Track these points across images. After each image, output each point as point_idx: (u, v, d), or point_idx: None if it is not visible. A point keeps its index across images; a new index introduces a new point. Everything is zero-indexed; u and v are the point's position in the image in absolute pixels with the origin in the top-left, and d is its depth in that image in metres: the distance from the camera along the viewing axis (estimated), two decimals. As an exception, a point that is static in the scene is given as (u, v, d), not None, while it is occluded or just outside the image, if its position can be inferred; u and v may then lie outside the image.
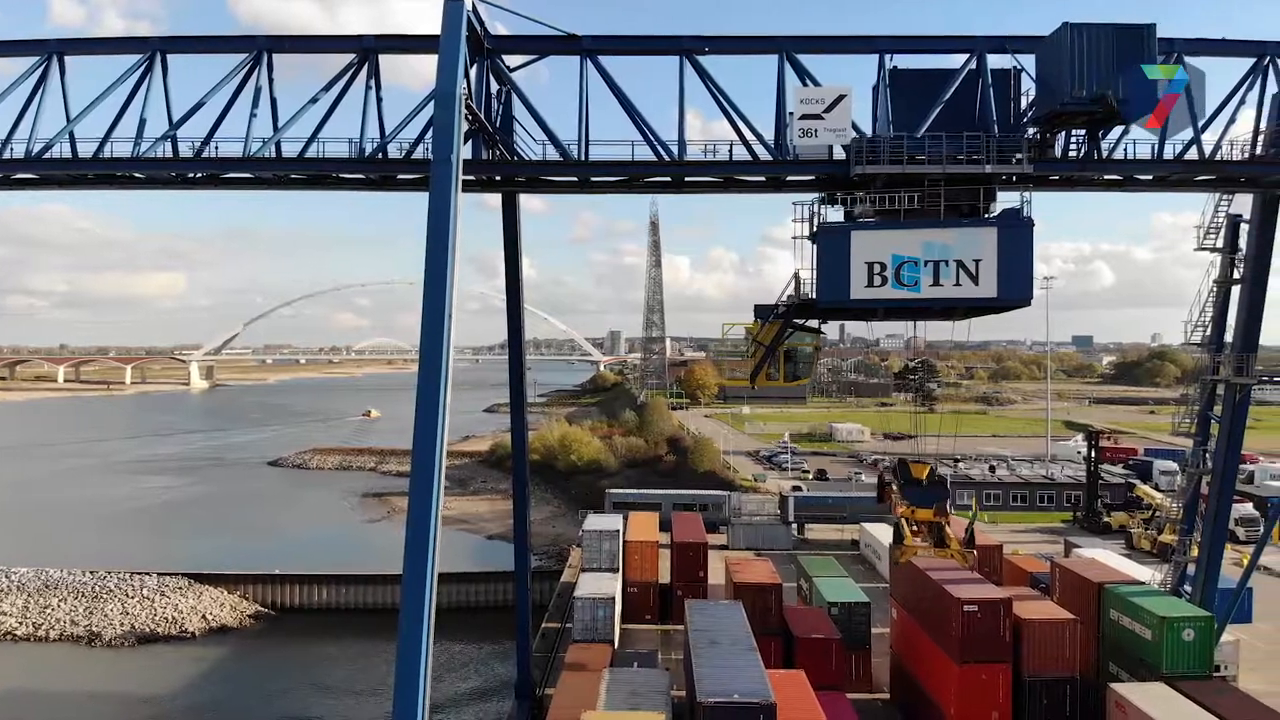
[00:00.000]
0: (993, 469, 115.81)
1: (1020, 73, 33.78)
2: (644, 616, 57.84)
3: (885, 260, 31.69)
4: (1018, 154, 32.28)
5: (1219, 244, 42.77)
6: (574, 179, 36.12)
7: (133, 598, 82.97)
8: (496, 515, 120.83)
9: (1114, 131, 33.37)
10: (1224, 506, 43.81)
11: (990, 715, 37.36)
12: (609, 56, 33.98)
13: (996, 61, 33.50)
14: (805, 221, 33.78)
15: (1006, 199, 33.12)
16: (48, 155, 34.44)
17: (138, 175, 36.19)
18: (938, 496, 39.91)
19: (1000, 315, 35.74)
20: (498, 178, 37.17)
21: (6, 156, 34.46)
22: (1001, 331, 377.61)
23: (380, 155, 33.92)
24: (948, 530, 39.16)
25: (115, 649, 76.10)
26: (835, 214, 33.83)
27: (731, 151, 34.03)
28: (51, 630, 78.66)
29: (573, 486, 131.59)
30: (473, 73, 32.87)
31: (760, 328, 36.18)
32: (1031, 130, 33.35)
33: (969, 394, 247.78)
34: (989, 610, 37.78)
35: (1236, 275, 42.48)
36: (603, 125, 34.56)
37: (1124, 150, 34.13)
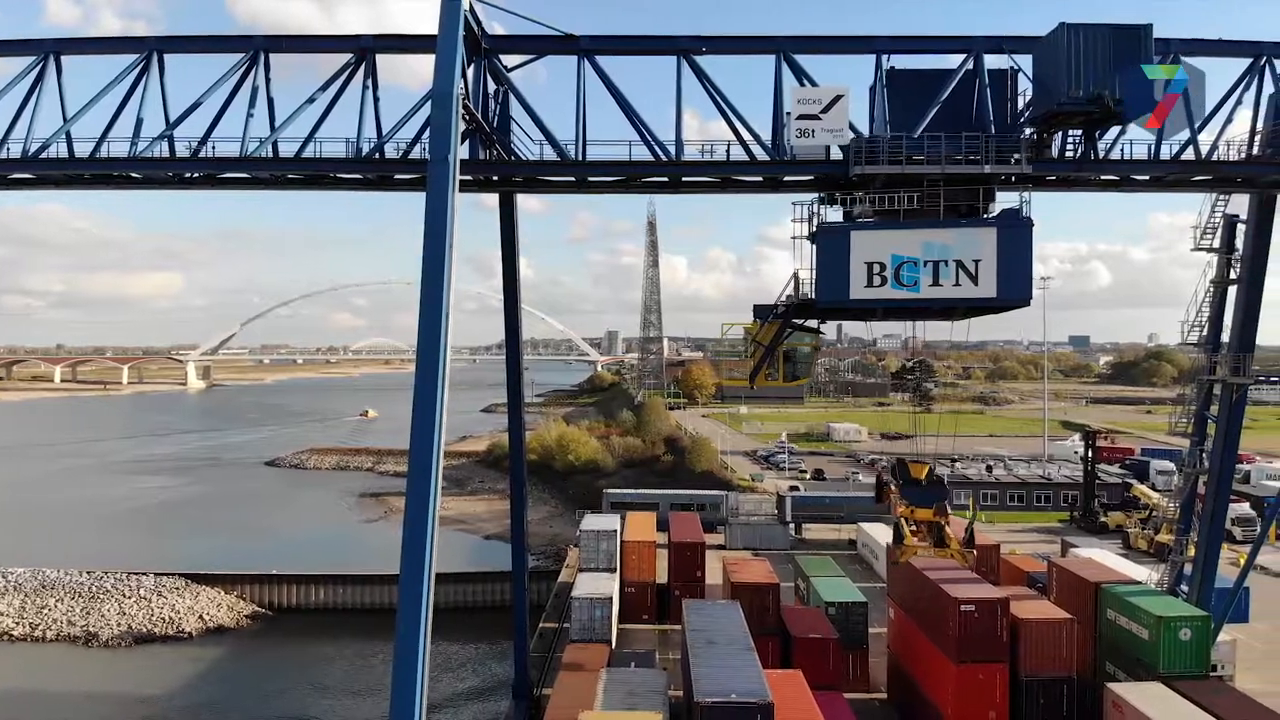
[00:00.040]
0: (990, 469, 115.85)
1: (1017, 73, 33.83)
2: (641, 616, 57.87)
3: (885, 260, 31.68)
4: (1016, 154, 32.32)
5: (1216, 244, 42.83)
6: (571, 179, 36.13)
7: (129, 598, 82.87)
8: (494, 515, 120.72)
9: (1111, 132, 33.42)
10: (1221, 506, 43.87)
11: (987, 715, 37.39)
12: (606, 56, 33.99)
13: (993, 62, 33.55)
14: (804, 222, 33.78)
15: (1005, 199, 33.20)
16: (44, 155, 34.41)
17: (134, 175, 36.17)
18: (937, 496, 39.89)
19: (998, 315, 35.77)
20: (495, 178, 37.16)
21: (3, 156, 34.42)
22: (998, 331, 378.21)
23: (377, 155, 33.92)
24: (947, 530, 39.18)
25: (112, 649, 76.00)
26: (834, 214, 33.82)
27: (729, 152, 34.05)
28: (48, 630, 78.54)
29: (570, 486, 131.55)
30: (470, 73, 32.85)
31: (759, 328, 36.17)
32: (1028, 130, 33.36)
33: (966, 394, 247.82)
34: (986, 610, 37.83)
35: (1233, 275, 42.55)
36: (600, 125, 34.63)
37: (1121, 150, 34.19)
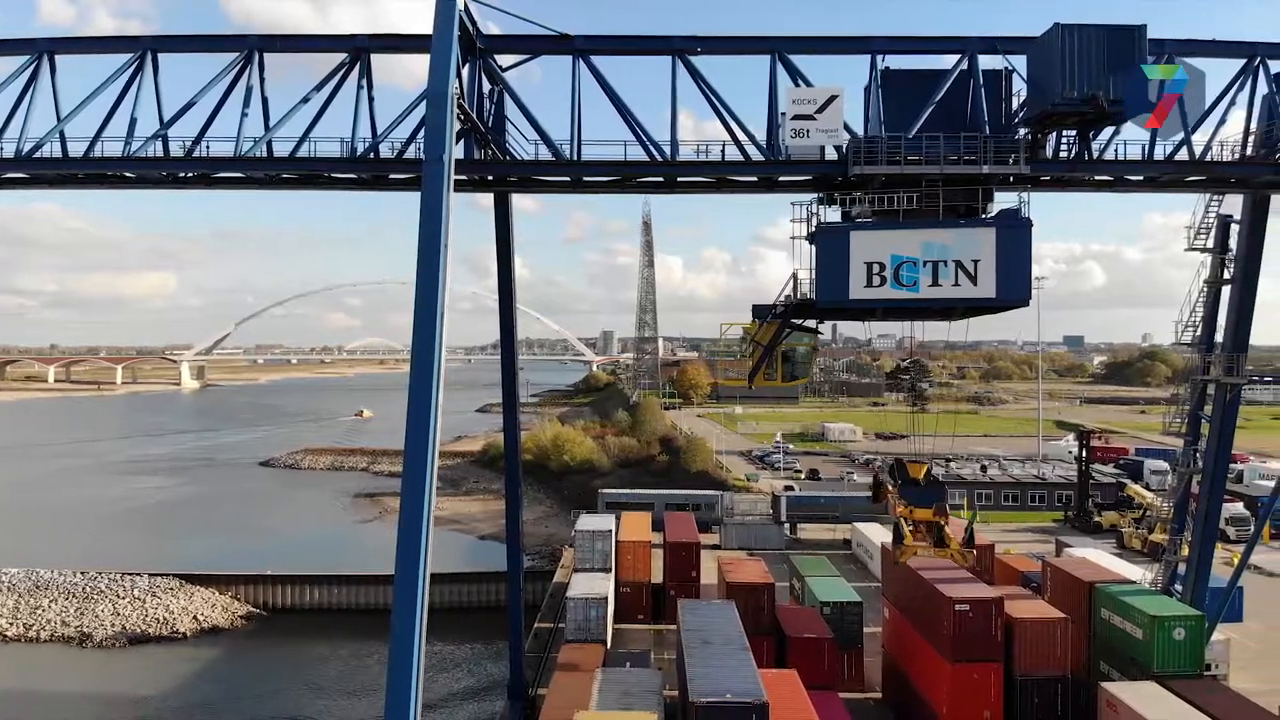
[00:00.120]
0: (984, 468, 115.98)
1: (1011, 73, 33.80)
2: (636, 616, 57.88)
3: (884, 260, 31.63)
4: (1014, 154, 32.32)
5: (1209, 244, 42.92)
6: (566, 179, 36.04)
7: (124, 598, 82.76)
8: (489, 515, 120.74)
9: (1105, 132, 33.47)
10: (1214, 506, 43.92)
11: (982, 714, 37.48)
12: (601, 56, 33.89)
13: (988, 62, 33.48)
14: (803, 222, 33.75)
15: (1002, 199, 33.22)
16: (38, 154, 34.23)
17: (128, 175, 36.01)
18: (936, 496, 39.82)
19: (994, 315, 35.80)
20: (490, 177, 37.08)
21: (-3, 156, 34.28)
22: (993, 331, 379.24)
23: (372, 155, 33.81)
24: (947, 530, 39.18)
25: (106, 650, 75.91)
26: (833, 214, 33.81)
27: (724, 152, 33.95)
28: (42, 631, 78.42)
29: (565, 486, 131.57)
30: (465, 72, 32.77)
31: (758, 328, 36.08)
32: (1023, 131, 33.39)
33: (960, 394, 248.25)
34: (980, 609, 37.92)
35: (1227, 275, 42.63)
36: (595, 125, 34.51)
37: (1115, 151, 34.21)
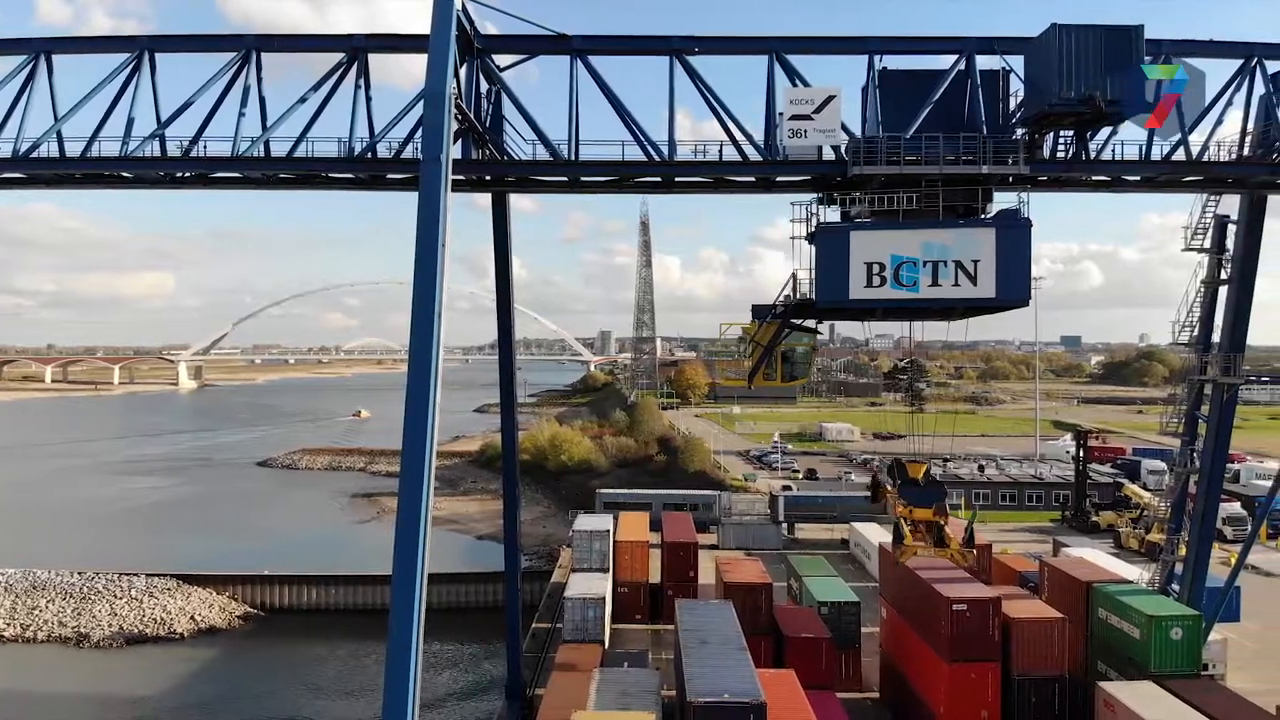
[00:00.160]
0: (982, 468, 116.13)
1: (1009, 74, 33.83)
2: (634, 616, 57.90)
3: (884, 260, 31.63)
4: (1013, 155, 32.32)
5: (1206, 245, 42.93)
6: (564, 179, 36.04)
7: (121, 599, 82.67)
8: (486, 515, 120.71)
9: (1102, 132, 33.50)
10: (1211, 505, 43.97)
11: (979, 714, 37.50)
12: (599, 56, 33.88)
13: (985, 62, 33.48)
14: (803, 222, 33.74)
15: (1001, 199, 33.25)
16: (35, 154, 34.20)
17: (125, 175, 35.96)
18: (936, 496, 39.87)
19: (991, 315, 35.82)
20: (487, 177, 37.06)
21: (-7, 156, 34.22)
22: (990, 331, 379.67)
23: (369, 155, 33.77)
24: (947, 530, 39.19)
25: (103, 650, 75.81)
26: (832, 214, 33.82)
27: (721, 152, 33.94)
28: (39, 631, 78.31)
29: (563, 486, 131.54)
30: (462, 72, 32.76)
31: (758, 328, 36.09)
32: (1020, 131, 33.41)
33: (958, 394, 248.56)
34: (978, 609, 37.93)
35: (1224, 276, 42.63)
36: (593, 125, 34.46)
37: (1112, 151, 34.24)
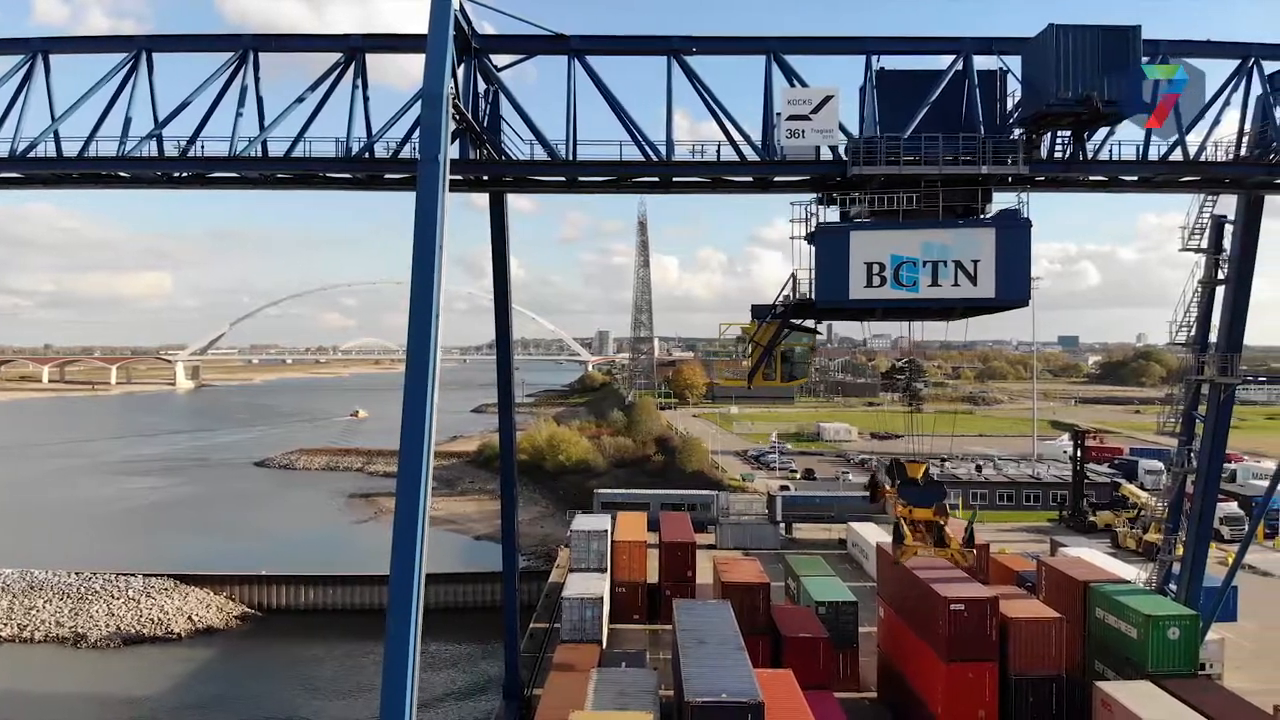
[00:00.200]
0: (979, 468, 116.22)
1: (1006, 74, 33.85)
2: (632, 616, 57.91)
3: (884, 260, 31.64)
4: (1013, 155, 32.34)
5: (1204, 245, 43.01)
6: (562, 179, 36.02)
7: (118, 599, 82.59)
8: (484, 515, 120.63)
9: (1099, 133, 33.53)
10: (1209, 505, 44.01)
11: (977, 713, 37.52)
12: (596, 56, 33.87)
13: (983, 63, 33.51)
14: (802, 222, 33.75)
15: (1000, 199, 33.28)
16: (32, 154, 34.16)
17: (123, 174, 35.94)
18: (936, 496, 39.83)
19: (990, 315, 35.83)
20: (485, 178, 37.04)
21: (-9, 155, 34.18)
22: (988, 331, 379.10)
23: (367, 155, 33.77)
24: (947, 530, 39.19)
25: (100, 650, 75.75)
26: (831, 214, 33.84)
27: (719, 152, 33.95)
28: (36, 632, 78.24)
29: (561, 486, 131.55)
30: (460, 72, 32.76)
31: (757, 328, 36.10)
32: (1017, 131, 33.44)
33: (955, 394, 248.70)
34: (975, 609, 37.95)
35: (1221, 276, 42.72)
36: (590, 125, 34.54)
37: (1109, 151, 34.28)
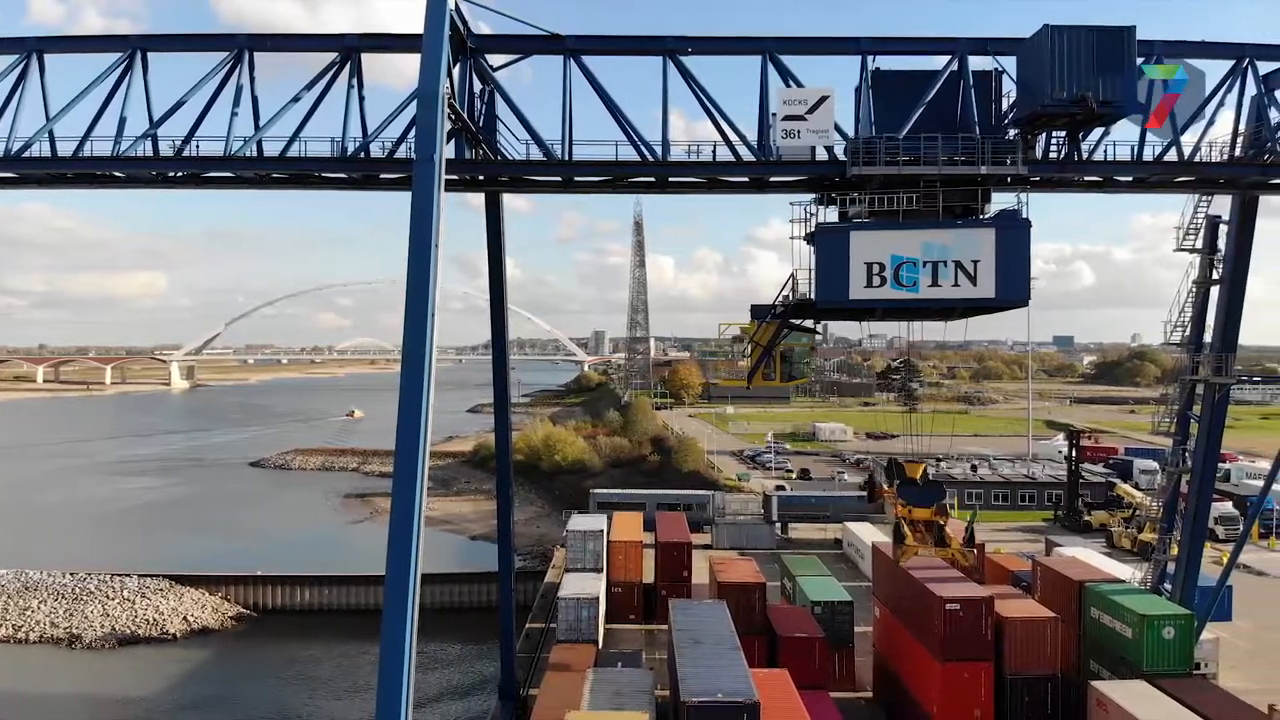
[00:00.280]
0: (975, 468, 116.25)
1: (1001, 74, 33.92)
2: (628, 616, 57.90)
3: (884, 261, 31.67)
4: (1011, 155, 32.38)
5: (1198, 245, 43.10)
6: (557, 179, 36.02)
7: (113, 599, 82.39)
8: (480, 516, 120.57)
9: (1094, 133, 33.58)
10: (1203, 505, 44.14)
11: (972, 713, 37.54)
12: (592, 56, 33.89)
13: (978, 63, 33.60)
14: (802, 222, 33.77)
15: (999, 200, 33.34)
16: (27, 154, 34.09)
17: (118, 174, 35.89)
18: (936, 496, 39.83)
19: (989, 315, 35.86)
20: (481, 177, 37.04)
21: (-15, 155, 34.10)
22: (983, 331, 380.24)
23: (363, 155, 33.75)
24: (947, 530, 39.19)
25: (95, 651, 75.58)
26: (830, 214, 33.88)
27: (715, 152, 33.99)
28: (31, 632, 78.05)
29: (557, 486, 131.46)
30: (455, 72, 32.77)
31: (757, 328, 36.12)
32: (1012, 132, 33.48)
33: (951, 394, 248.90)
34: (971, 609, 37.96)
35: (1215, 276, 42.82)
36: (586, 125, 34.47)
37: (1104, 152, 34.35)
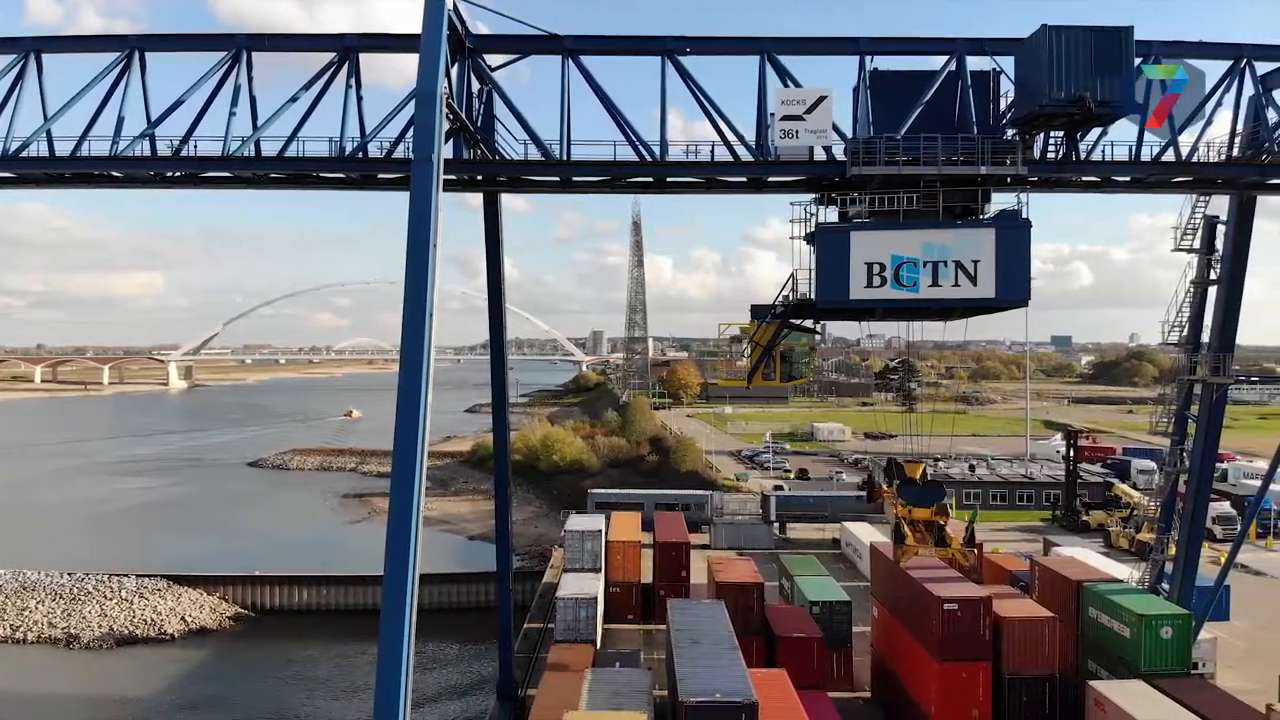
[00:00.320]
0: (973, 468, 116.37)
1: (999, 74, 33.97)
2: (626, 616, 57.90)
3: (885, 261, 31.72)
4: (1010, 155, 32.40)
5: (1196, 245, 43.19)
6: (556, 179, 36.06)
7: (111, 600, 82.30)
8: (478, 516, 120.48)
9: (1092, 133, 33.61)
10: (1201, 505, 44.21)
11: (970, 713, 37.55)
12: (590, 56, 33.94)
13: (976, 63, 33.66)
14: (801, 222, 33.79)
15: (999, 200, 33.38)
16: (24, 154, 34.09)
17: (116, 174, 35.90)
18: (936, 496, 39.85)
19: (989, 315, 35.88)
20: (479, 177, 37.06)
21: (-17, 155, 34.07)
22: (981, 331, 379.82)
23: (361, 154, 33.76)
24: (948, 530, 39.19)
25: (93, 651, 75.48)
26: (830, 215, 33.90)
27: (713, 152, 34.04)
28: (29, 632, 77.91)
29: (555, 487, 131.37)
30: (454, 72, 32.77)
31: (757, 328, 36.14)
32: (1010, 132, 33.51)
33: (949, 394, 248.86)
34: (969, 609, 37.97)
35: (1213, 276, 42.90)
36: (584, 125, 34.50)
37: (1102, 152, 34.38)
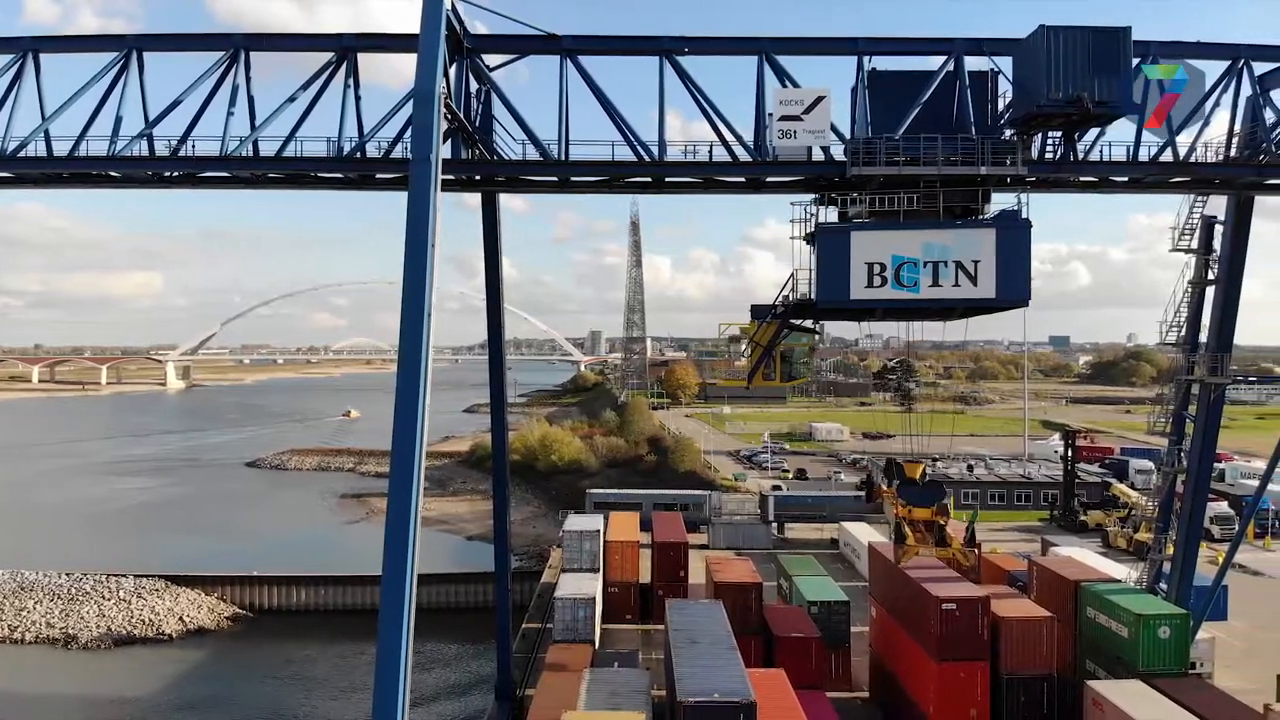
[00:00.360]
0: (971, 468, 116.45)
1: (997, 75, 33.98)
2: (624, 616, 57.93)
3: (885, 261, 31.70)
4: (1010, 155, 32.42)
5: (1194, 245, 43.20)
6: (554, 179, 36.05)
7: (109, 600, 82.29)
8: (476, 516, 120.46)
9: (1090, 134, 33.63)
10: (1199, 505, 44.21)
11: (969, 713, 37.57)
12: (589, 56, 33.92)
13: (974, 63, 33.66)
14: (801, 222, 33.80)
15: (998, 200, 33.39)
16: (22, 154, 34.05)
17: (114, 174, 35.85)
18: (936, 496, 39.85)
19: (989, 315, 35.89)
20: (477, 177, 37.04)
21: (-20, 155, 34.02)
22: (980, 332, 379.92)
23: (359, 154, 33.72)
24: (947, 530, 39.19)
25: (91, 651, 75.47)
26: (830, 215, 33.91)
27: (711, 152, 34.04)
28: (27, 633, 77.91)
29: (553, 487, 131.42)
30: (452, 72, 32.73)
31: (757, 328, 36.14)
32: (1008, 132, 33.53)
33: (947, 394, 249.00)
34: (967, 608, 38.00)
35: (1211, 276, 42.92)
36: (583, 125, 34.53)
37: (1100, 152, 34.40)
